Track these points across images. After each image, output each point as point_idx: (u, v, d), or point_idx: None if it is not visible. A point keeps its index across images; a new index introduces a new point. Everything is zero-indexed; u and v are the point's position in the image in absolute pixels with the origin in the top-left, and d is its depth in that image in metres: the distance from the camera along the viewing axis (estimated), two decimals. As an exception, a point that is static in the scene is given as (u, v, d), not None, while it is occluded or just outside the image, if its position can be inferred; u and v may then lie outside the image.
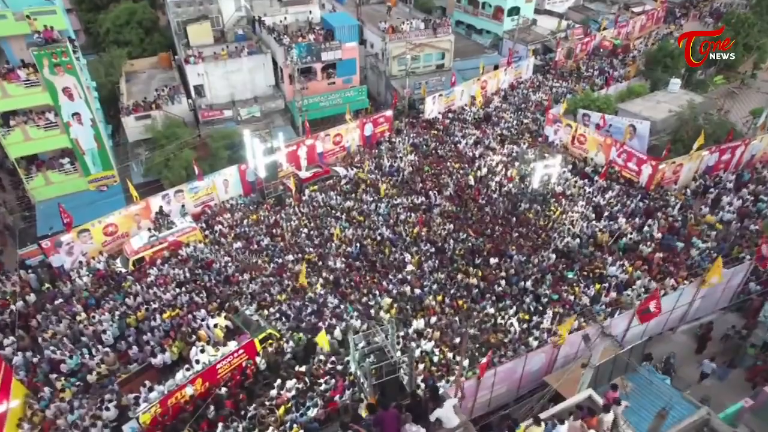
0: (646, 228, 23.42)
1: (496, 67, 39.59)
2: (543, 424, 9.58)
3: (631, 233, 23.27)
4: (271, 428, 15.50)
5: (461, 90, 35.21)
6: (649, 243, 22.58)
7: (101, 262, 22.44)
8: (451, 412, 7.96)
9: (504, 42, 44.77)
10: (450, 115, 34.50)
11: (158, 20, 40.94)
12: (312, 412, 16.01)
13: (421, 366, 17.18)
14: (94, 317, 19.38)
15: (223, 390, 16.78)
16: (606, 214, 24.57)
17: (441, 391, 8.49)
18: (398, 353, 14.44)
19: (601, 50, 46.06)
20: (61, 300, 20.14)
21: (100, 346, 18.36)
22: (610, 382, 11.81)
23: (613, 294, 20.30)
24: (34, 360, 17.97)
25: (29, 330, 19.26)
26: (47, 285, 21.18)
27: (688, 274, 20.66)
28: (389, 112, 31.51)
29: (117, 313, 19.53)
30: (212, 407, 16.03)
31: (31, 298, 20.28)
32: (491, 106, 35.71)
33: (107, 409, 16.19)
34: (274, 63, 32.74)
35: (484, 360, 15.23)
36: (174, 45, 38.19)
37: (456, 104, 35.23)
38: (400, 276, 21.26)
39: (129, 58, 35.36)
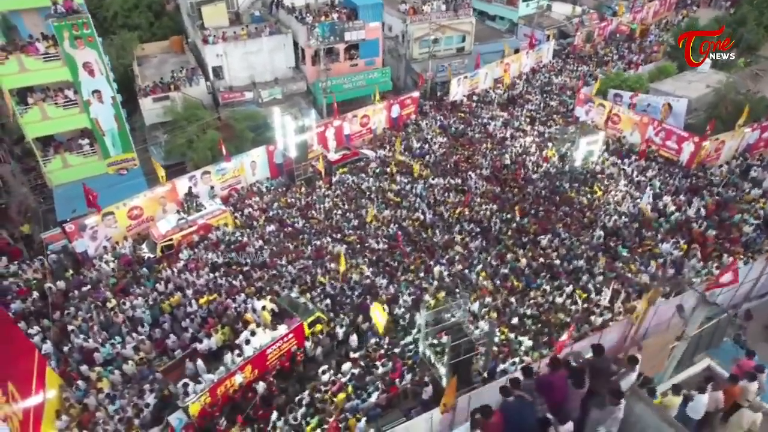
0: (694, 206, 22.61)
1: (516, 51, 38.71)
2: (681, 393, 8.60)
3: (678, 211, 22.45)
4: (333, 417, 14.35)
5: (485, 72, 34.26)
6: (699, 221, 21.79)
7: (126, 248, 21.12)
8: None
9: (519, 27, 43.99)
10: (474, 97, 33.58)
11: (165, 5, 39.51)
12: (373, 398, 14.90)
13: (482, 348, 16.13)
14: (125, 303, 18.11)
15: (261, 386, 15.43)
16: (649, 191, 23.78)
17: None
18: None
19: (618, 35, 45.47)
20: (89, 286, 18.80)
21: (134, 334, 17.08)
22: (747, 350, 10.85)
23: (670, 270, 19.45)
24: (65, 349, 16.66)
25: (53, 318, 17.90)
26: (70, 272, 19.78)
27: (746, 250, 19.88)
28: (416, 93, 30.47)
29: (149, 299, 18.32)
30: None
31: (57, 284, 18.91)
32: (516, 89, 34.87)
33: (147, 405, 14.91)
34: (294, 45, 31.50)
35: (564, 337, 14.20)
36: (184, 29, 36.95)
37: (480, 87, 34.29)
38: (447, 256, 20.25)
39: (139, 42, 33.94)
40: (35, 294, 18.47)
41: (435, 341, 14.57)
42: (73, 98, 22.26)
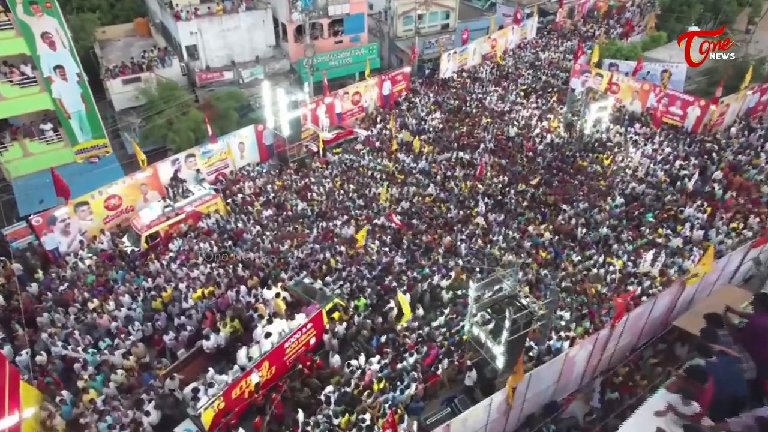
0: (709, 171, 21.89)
1: (500, 28, 37.65)
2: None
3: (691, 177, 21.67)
4: (368, 413, 12.51)
5: (473, 48, 32.97)
6: (716, 184, 21.07)
7: (105, 242, 18.57)
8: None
9: (498, 6, 43.10)
10: (464, 74, 32.26)
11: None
12: (411, 389, 13.16)
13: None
14: (108, 303, 15.69)
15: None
16: (660, 158, 23.00)
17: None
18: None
19: (596, 12, 45.16)
20: (64, 286, 16.23)
21: (123, 336, 14.72)
22: None
23: (699, 232, 18.58)
24: (38, 359, 14.16)
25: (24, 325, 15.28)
26: (40, 273, 17.08)
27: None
28: (407, 69, 28.79)
29: (139, 297, 15.97)
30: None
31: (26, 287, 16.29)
32: (504, 65, 33.80)
33: (147, 413, 12.68)
34: (274, 22, 29.26)
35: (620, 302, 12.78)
36: (147, 11, 34.07)
37: (469, 63, 32.99)
38: (467, 231, 18.71)
39: (99, 25, 30.88)
40: (-1, 298, 15.83)
41: (481, 318, 12.94)
42: (31, 75, 19.40)
